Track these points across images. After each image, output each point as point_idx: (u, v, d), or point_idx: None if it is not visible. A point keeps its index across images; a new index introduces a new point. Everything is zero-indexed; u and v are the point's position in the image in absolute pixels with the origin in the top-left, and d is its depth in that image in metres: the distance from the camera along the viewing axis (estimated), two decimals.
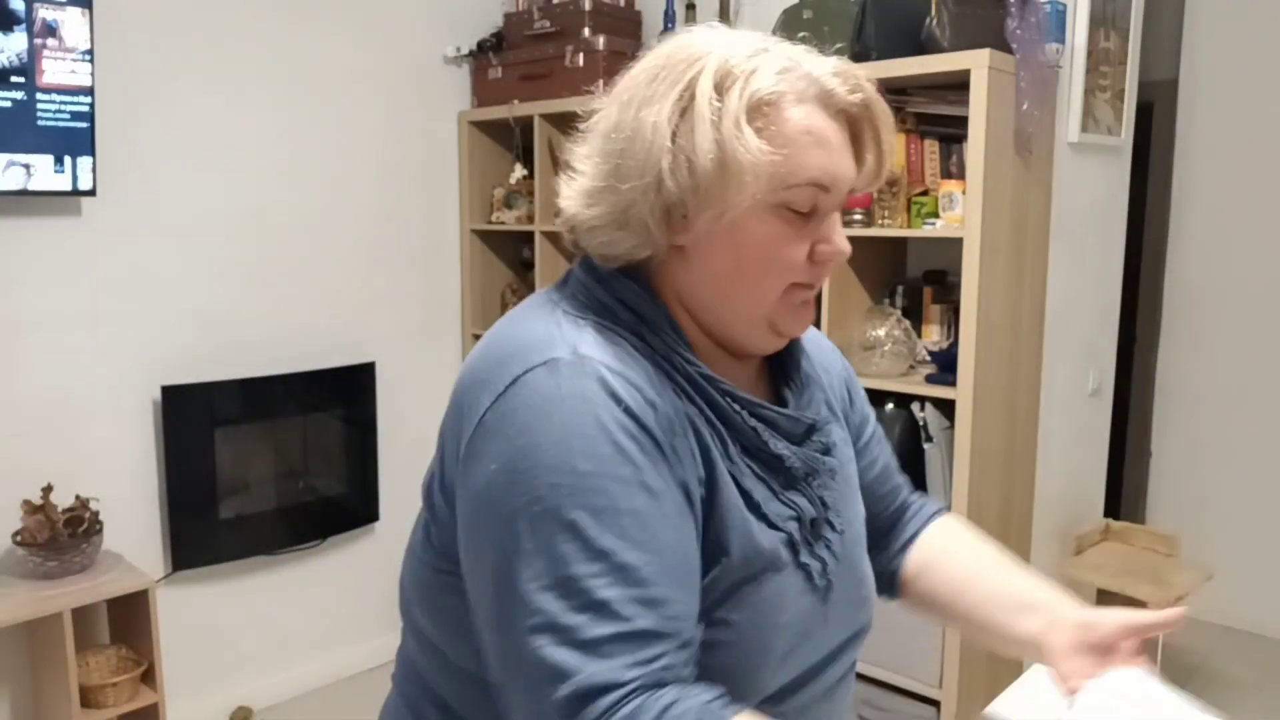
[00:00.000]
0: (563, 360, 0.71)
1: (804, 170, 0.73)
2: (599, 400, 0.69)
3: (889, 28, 2.38)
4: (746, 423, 0.78)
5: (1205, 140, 3.55)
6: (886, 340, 2.42)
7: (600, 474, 0.67)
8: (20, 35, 2.22)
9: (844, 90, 0.75)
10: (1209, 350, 3.58)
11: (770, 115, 0.73)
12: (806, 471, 0.82)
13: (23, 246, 2.40)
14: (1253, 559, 3.46)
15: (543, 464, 0.67)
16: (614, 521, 0.66)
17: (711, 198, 0.73)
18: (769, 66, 0.74)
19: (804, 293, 0.78)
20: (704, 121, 0.71)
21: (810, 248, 0.76)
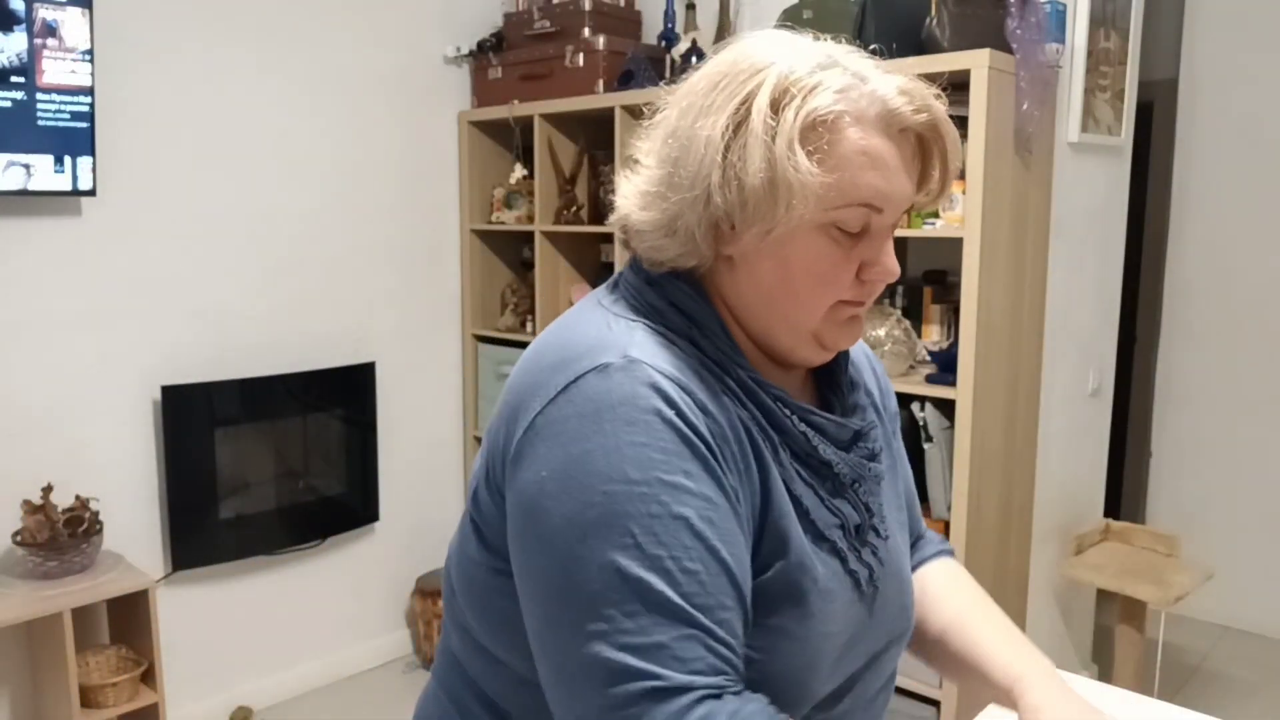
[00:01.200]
0: (614, 365, 0.71)
1: (855, 191, 0.73)
2: (651, 406, 0.69)
3: (889, 28, 2.38)
4: (797, 428, 0.78)
5: (1205, 140, 3.55)
6: (886, 340, 2.42)
7: (652, 481, 0.67)
8: (20, 35, 2.22)
9: (909, 110, 0.74)
10: (1209, 350, 3.58)
11: (826, 135, 0.72)
12: (854, 478, 0.82)
13: (23, 246, 2.40)
14: (1253, 559, 3.46)
15: (595, 471, 0.67)
16: (667, 528, 0.66)
17: (759, 215, 0.72)
18: (830, 84, 0.72)
19: (851, 309, 0.78)
20: (756, 139, 0.71)
21: (859, 267, 0.76)
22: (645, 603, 0.65)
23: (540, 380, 0.73)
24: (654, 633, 0.64)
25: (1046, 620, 2.75)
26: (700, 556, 0.67)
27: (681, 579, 0.66)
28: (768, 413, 0.77)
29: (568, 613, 0.67)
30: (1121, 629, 2.67)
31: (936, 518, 2.34)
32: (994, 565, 2.43)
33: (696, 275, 0.80)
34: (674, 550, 0.66)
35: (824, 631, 0.75)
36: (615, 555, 0.66)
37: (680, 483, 0.68)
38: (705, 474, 0.69)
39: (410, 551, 3.28)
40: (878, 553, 0.83)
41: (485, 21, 3.34)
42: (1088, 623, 3.02)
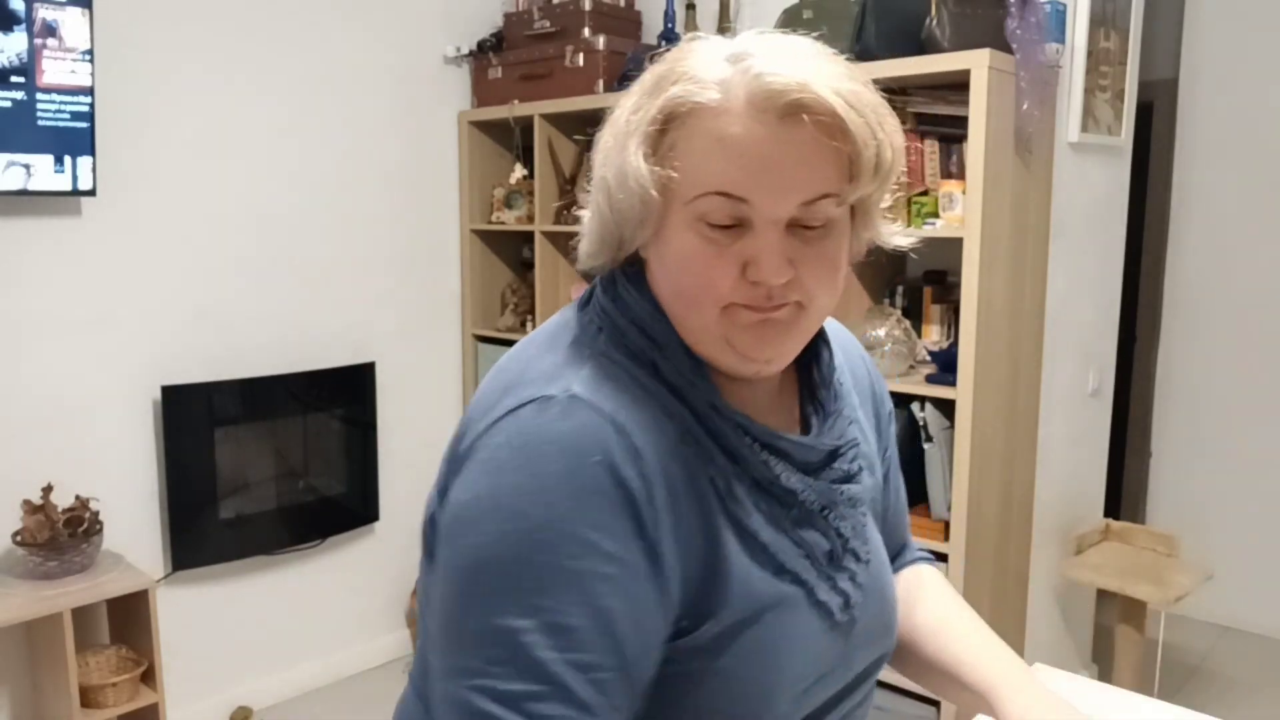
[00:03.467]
0: (555, 399, 0.69)
1: (705, 180, 0.69)
2: (576, 449, 0.66)
3: (889, 28, 2.38)
4: (757, 456, 0.74)
5: (1205, 140, 3.55)
6: (886, 340, 2.42)
7: (558, 530, 0.65)
8: (20, 35, 2.22)
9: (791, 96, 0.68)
10: (1209, 350, 3.58)
11: (682, 126, 0.70)
12: (824, 505, 0.78)
13: (23, 246, 2.40)
14: (1253, 559, 3.46)
15: (504, 507, 0.66)
16: (557, 581, 0.64)
17: (621, 216, 0.73)
18: (707, 75, 0.70)
19: (749, 314, 0.71)
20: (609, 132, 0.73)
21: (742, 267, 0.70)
22: (515, 654, 0.63)
23: (490, 402, 0.72)
24: (516, 684, 0.63)
25: (1046, 620, 2.75)
26: (585, 614, 0.64)
27: (559, 636, 0.64)
28: (724, 441, 0.73)
29: (449, 643, 0.66)
30: (1121, 629, 2.67)
31: (936, 518, 2.34)
32: (994, 565, 2.43)
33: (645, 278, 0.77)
34: (559, 604, 0.64)
35: (777, 666, 0.73)
36: (499, 600, 0.65)
37: (586, 536, 0.65)
38: (620, 528, 0.66)
39: (410, 551, 3.28)
40: (856, 578, 0.80)
41: (485, 21, 3.34)
42: (1088, 623, 3.02)
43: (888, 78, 2.34)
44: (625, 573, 0.66)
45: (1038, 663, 1.53)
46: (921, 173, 2.48)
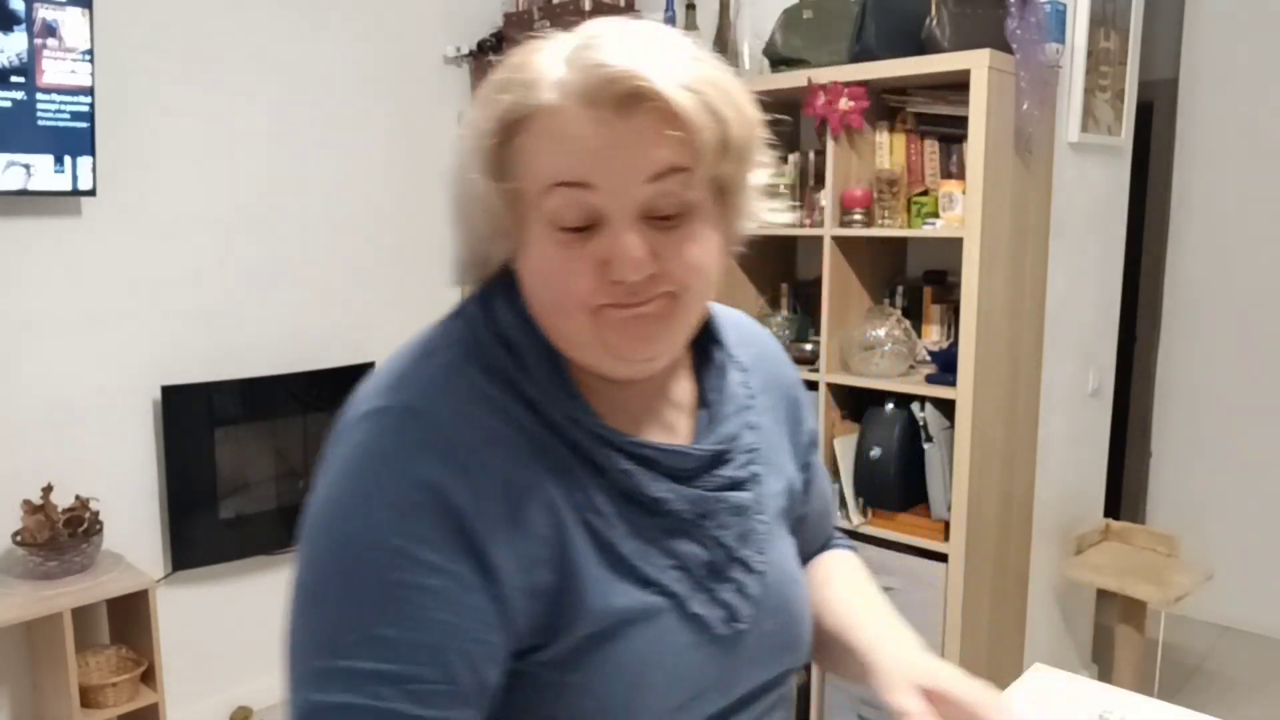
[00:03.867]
0: (391, 410, 0.69)
1: (546, 177, 0.68)
2: (400, 464, 0.67)
3: (889, 28, 2.38)
4: (617, 466, 0.72)
5: (1205, 140, 3.55)
6: (886, 340, 2.42)
7: (377, 544, 0.65)
8: (20, 35, 2.22)
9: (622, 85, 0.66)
10: (1209, 350, 3.58)
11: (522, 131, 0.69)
12: (700, 514, 0.75)
13: (23, 246, 2.40)
14: (1253, 559, 3.46)
15: (331, 517, 0.67)
16: (379, 593, 0.65)
17: (475, 231, 0.73)
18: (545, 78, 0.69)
19: (618, 312, 0.70)
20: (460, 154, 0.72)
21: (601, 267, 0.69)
22: (337, 666, 0.64)
23: (355, 399, 0.73)
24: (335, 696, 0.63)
25: (1046, 620, 2.75)
26: (407, 627, 0.64)
27: (378, 648, 0.64)
28: (584, 452, 0.72)
29: (286, 645, 0.68)
30: (1121, 629, 2.67)
31: (936, 518, 2.34)
32: (994, 565, 2.43)
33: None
34: (379, 618, 0.64)
35: (639, 682, 0.71)
36: (324, 609, 0.66)
37: (407, 549, 0.65)
38: (445, 542, 0.66)
39: None
40: (744, 590, 0.76)
41: (485, 21, 3.34)
42: (1088, 623, 3.02)
43: (888, 78, 2.34)
44: (452, 585, 0.65)
45: (1037, 663, 1.53)
46: (921, 173, 2.49)
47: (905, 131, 2.49)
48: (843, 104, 2.37)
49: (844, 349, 2.50)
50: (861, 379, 2.44)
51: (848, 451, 2.47)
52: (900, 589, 2.39)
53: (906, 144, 2.49)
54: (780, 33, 2.55)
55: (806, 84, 2.42)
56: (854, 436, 2.47)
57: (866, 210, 2.43)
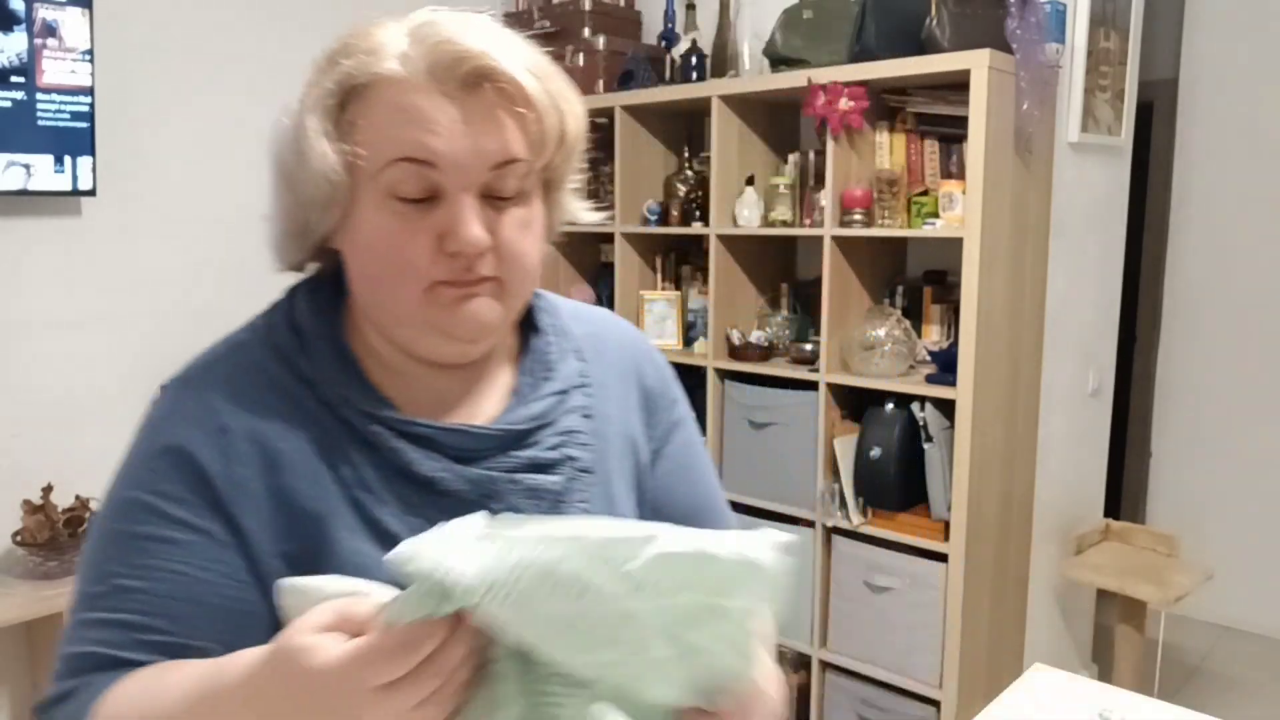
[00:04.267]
0: (169, 385, 0.78)
1: (390, 149, 0.69)
2: (161, 430, 0.73)
3: (889, 28, 2.38)
4: (387, 443, 0.73)
5: (1205, 140, 3.55)
6: (886, 340, 2.42)
7: (131, 499, 0.71)
8: (20, 35, 2.22)
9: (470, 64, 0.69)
10: (1209, 350, 3.58)
11: (361, 101, 0.70)
12: (483, 494, 0.74)
13: (23, 246, 2.40)
14: (1253, 559, 3.46)
15: (115, 481, 0.73)
16: (126, 544, 0.69)
17: (306, 200, 0.72)
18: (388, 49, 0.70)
19: (451, 291, 0.71)
20: (283, 124, 0.73)
21: (442, 240, 0.70)
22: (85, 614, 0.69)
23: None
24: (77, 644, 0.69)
25: (1046, 620, 2.75)
26: (147, 576, 0.68)
27: (119, 597, 0.68)
28: (360, 431, 0.73)
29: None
30: (1121, 629, 2.67)
31: (936, 518, 2.34)
32: (994, 565, 2.43)
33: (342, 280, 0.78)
34: (123, 567, 0.69)
35: None
36: (86, 566, 0.72)
37: (155, 504, 0.70)
38: (194, 500, 0.70)
39: None
40: None
41: None
42: (1088, 623, 3.02)
43: (888, 78, 2.34)
44: (198, 540, 0.69)
45: (1037, 663, 1.53)
46: (921, 173, 2.49)
47: (905, 131, 2.49)
48: (843, 104, 2.37)
49: (844, 349, 2.50)
50: (861, 379, 2.44)
51: (848, 451, 2.47)
52: (900, 589, 2.39)
53: (906, 144, 2.49)
54: (780, 33, 2.55)
55: (806, 84, 2.42)
56: (854, 436, 2.47)
57: (866, 210, 2.43)
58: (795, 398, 2.55)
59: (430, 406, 0.77)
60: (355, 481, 0.73)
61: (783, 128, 2.84)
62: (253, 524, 0.70)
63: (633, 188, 2.94)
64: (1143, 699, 1.35)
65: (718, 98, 2.65)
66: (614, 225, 2.95)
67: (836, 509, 2.49)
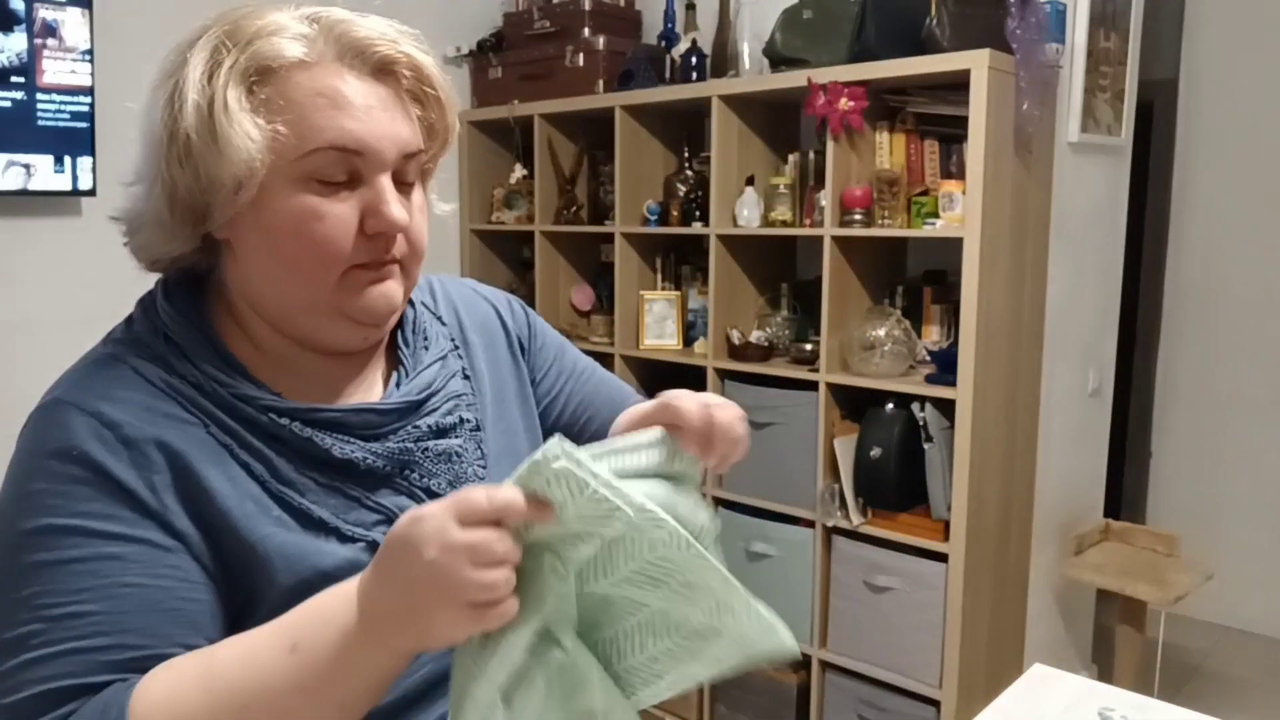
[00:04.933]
0: (49, 404, 0.72)
1: (316, 135, 0.69)
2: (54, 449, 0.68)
3: (889, 28, 2.38)
4: (300, 435, 0.73)
5: (1205, 140, 3.55)
6: (886, 340, 2.42)
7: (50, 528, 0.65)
8: (20, 35, 2.22)
9: (380, 49, 0.72)
10: (1209, 350, 3.58)
11: (275, 82, 0.69)
12: (400, 465, 0.77)
13: (23, 246, 2.40)
14: (1253, 559, 3.46)
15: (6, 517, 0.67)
16: (59, 574, 0.64)
17: (216, 181, 0.69)
18: (284, 31, 0.70)
19: (366, 274, 0.73)
20: (189, 103, 0.68)
21: (360, 221, 0.71)
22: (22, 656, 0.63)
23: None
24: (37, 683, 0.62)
25: (1046, 620, 2.75)
26: (96, 598, 0.64)
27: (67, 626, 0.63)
28: (260, 428, 0.72)
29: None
30: (1121, 629, 2.67)
31: (936, 518, 2.34)
32: (994, 565, 2.43)
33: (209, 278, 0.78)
34: (68, 595, 0.64)
35: None
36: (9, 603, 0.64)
37: (81, 525, 0.65)
38: (120, 512, 0.67)
39: None
40: None
41: (485, 21, 3.34)
42: (1088, 623, 3.02)
43: (888, 78, 2.34)
44: (142, 550, 0.66)
45: (1037, 663, 1.53)
46: (921, 173, 2.49)
47: (905, 131, 2.49)
48: (843, 104, 2.37)
49: (844, 349, 2.50)
50: (861, 379, 2.44)
51: (848, 451, 2.47)
52: (900, 589, 2.39)
53: (906, 144, 2.49)
54: (780, 33, 2.55)
55: (806, 84, 2.42)
56: (854, 436, 2.47)
57: (866, 210, 2.43)
58: (795, 398, 2.55)
59: (323, 394, 0.78)
60: (272, 475, 0.72)
61: (783, 128, 2.84)
62: (185, 528, 0.68)
63: (633, 188, 2.94)
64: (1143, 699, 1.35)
65: (718, 98, 2.65)
66: (614, 225, 2.95)
67: (836, 509, 2.48)
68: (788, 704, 2.63)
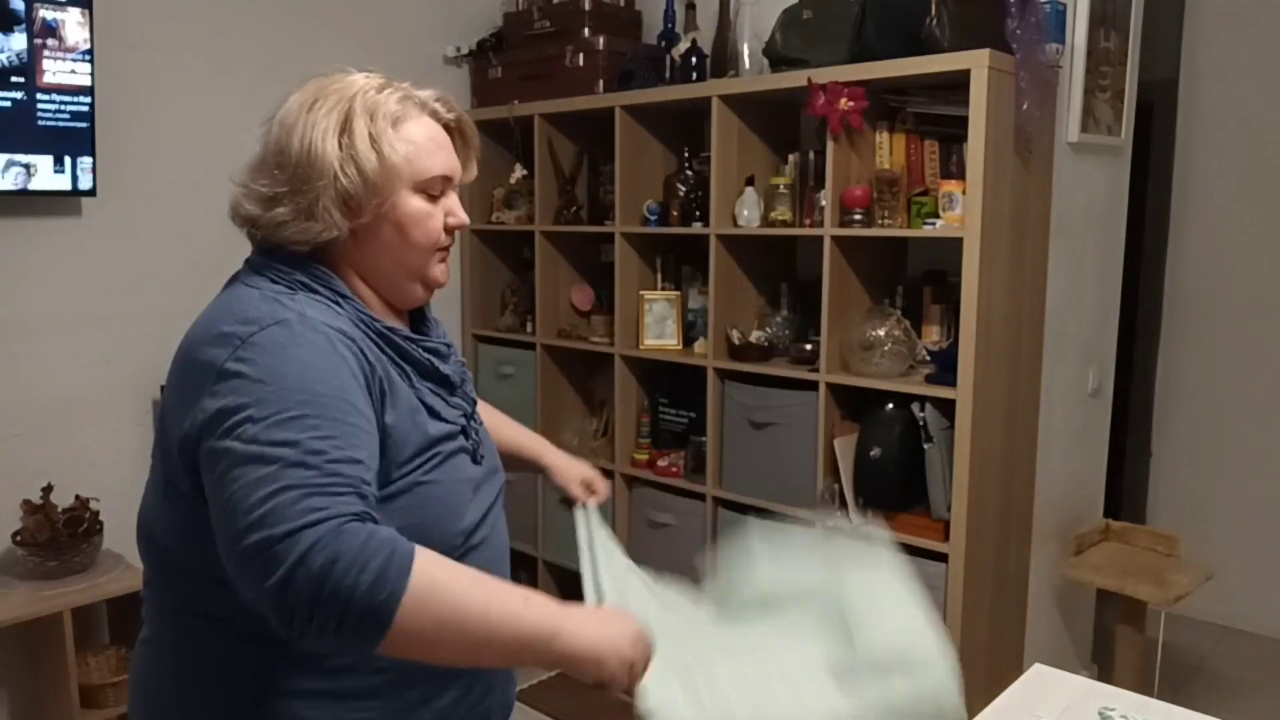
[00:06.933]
0: (293, 320, 0.96)
1: (434, 166, 1.08)
2: (326, 346, 0.95)
3: (889, 28, 2.38)
4: (422, 357, 1.09)
5: (1205, 140, 3.55)
6: (886, 340, 2.42)
7: (328, 394, 0.91)
8: (20, 35, 2.22)
9: (444, 110, 1.11)
10: (1209, 350, 3.58)
11: (405, 127, 1.06)
12: (460, 380, 1.16)
13: (23, 246, 2.40)
14: (1253, 559, 3.46)
15: (289, 388, 0.90)
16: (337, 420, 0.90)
17: (376, 188, 1.03)
18: (394, 95, 1.06)
19: (444, 254, 1.13)
20: (362, 135, 1.02)
21: (444, 220, 1.10)
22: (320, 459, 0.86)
23: (221, 341, 0.94)
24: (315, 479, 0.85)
25: (1046, 620, 2.75)
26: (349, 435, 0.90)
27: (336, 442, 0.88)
28: (399, 350, 1.06)
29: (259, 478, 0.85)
30: (1121, 629, 2.67)
31: (936, 518, 2.34)
32: (994, 565, 2.43)
33: (327, 255, 1.07)
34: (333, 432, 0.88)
35: (460, 479, 1.07)
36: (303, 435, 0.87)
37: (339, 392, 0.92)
38: (357, 387, 0.95)
39: None
40: (478, 432, 1.15)
41: (485, 21, 3.34)
42: (1088, 623, 3.02)
43: (887, 78, 2.34)
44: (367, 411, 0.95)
45: (1037, 663, 1.53)
46: (921, 173, 2.49)
47: (905, 131, 2.49)
48: (843, 104, 2.37)
49: (844, 349, 2.50)
50: (861, 379, 2.44)
51: (848, 451, 2.47)
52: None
53: (906, 144, 2.49)
54: (780, 33, 2.55)
55: (806, 84, 2.42)
56: (854, 436, 2.47)
57: (866, 210, 2.43)
58: (795, 398, 2.55)
59: None
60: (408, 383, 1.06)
61: (783, 128, 2.84)
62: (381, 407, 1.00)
63: (633, 188, 2.94)
64: (1143, 698, 1.35)
65: (718, 98, 2.65)
66: (614, 225, 2.95)
67: (836, 509, 2.48)
68: None
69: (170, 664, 1.04)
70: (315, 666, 0.98)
